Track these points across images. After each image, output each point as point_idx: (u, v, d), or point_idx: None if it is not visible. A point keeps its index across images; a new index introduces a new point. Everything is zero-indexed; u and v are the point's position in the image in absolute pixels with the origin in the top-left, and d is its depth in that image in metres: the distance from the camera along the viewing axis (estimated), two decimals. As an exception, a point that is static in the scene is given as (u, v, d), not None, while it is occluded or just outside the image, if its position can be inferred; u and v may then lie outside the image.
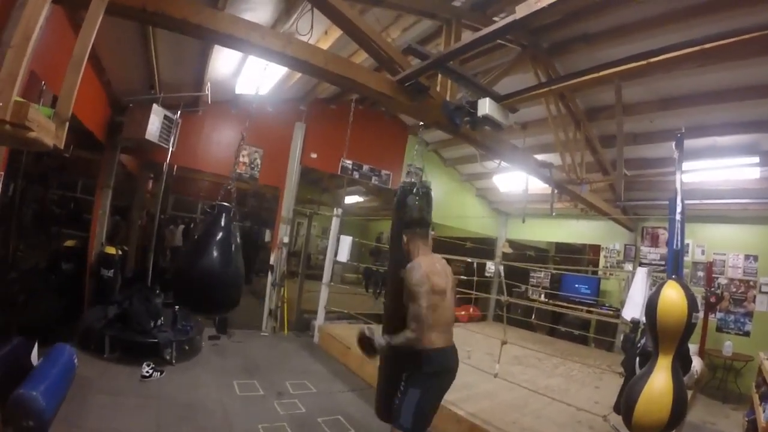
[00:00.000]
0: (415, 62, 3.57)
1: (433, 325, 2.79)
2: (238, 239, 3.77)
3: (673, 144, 3.25)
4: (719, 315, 7.18)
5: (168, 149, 6.26)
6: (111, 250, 6.16)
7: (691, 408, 5.20)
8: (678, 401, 2.45)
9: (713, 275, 7.26)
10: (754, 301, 6.98)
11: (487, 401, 4.68)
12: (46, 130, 1.88)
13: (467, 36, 3.33)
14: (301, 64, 3.19)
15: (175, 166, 7.25)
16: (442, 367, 2.87)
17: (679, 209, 3.05)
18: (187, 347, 5.58)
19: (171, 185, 9.64)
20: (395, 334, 2.86)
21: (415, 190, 3.26)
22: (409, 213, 3.22)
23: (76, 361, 4.16)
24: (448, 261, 3.31)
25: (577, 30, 5.14)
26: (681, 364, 2.63)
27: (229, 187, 3.90)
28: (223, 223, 3.67)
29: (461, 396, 4.55)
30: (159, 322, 5.43)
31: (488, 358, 5.82)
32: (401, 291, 2.91)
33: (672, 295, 2.52)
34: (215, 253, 3.54)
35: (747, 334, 6.92)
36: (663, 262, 7.69)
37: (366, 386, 5.44)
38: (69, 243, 6.79)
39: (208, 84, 6.03)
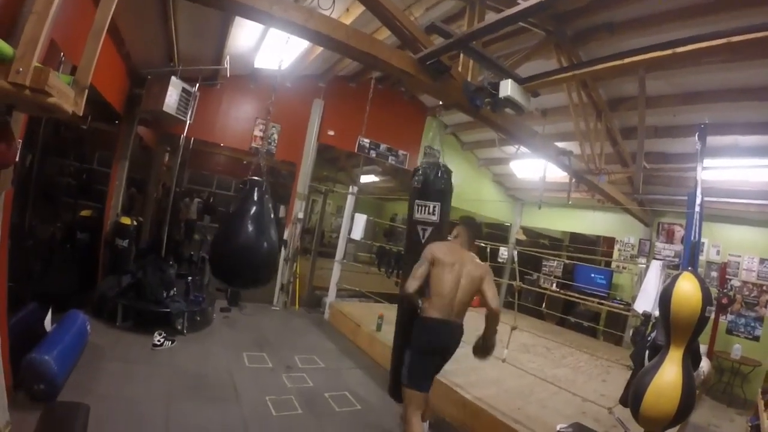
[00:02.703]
0: (437, 41, 3.51)
1: (430, 300, 3.22)
2: (272, 214, 3.82)
3: (696, 135, 3.18)
4: (730, 317, 7.06)
5: (185, 122, 6.28)
6: (126, 221, 6.23)
7: (695, 409, 5.17)
8: (687, 394, 2.42)
9: (727, 276, 7.15)
10: (766, 306, 6.85)
11: (493, 387, 4.69)
12: (66, 96, 1.88)
13: (491, 17, 3.25)
14: (323, 38, 3.14)
15: (192, 139, 7.28)
16: (429, 335, 3.21)
17: (698, 201, 2.99)
18: (198, 318, 5.67)
19: (187, 159, 9.70)
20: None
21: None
22: (447, 202, 3.80)
23: (89, 328, 4.24)
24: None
25: (602, 18, 5.00)
26: (691, 359, 2.59)
27: (258, 161, 3.94)
28: (256, 198, 3.70)
29: (468, 380, 4.57)
30: (172, 292, 5.51)
31: (497, 343, 5.82)
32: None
33: (687, 287, 2.47)
34: (250, 228, 3.59)
35: (757, 338, 6.81)
36: (677, 259, 7.61)
37: (374, 364, 5.50)
38: (85, 213, 6.86)
39: (227, 57, 6.01)
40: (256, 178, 3.80)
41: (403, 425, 3.21)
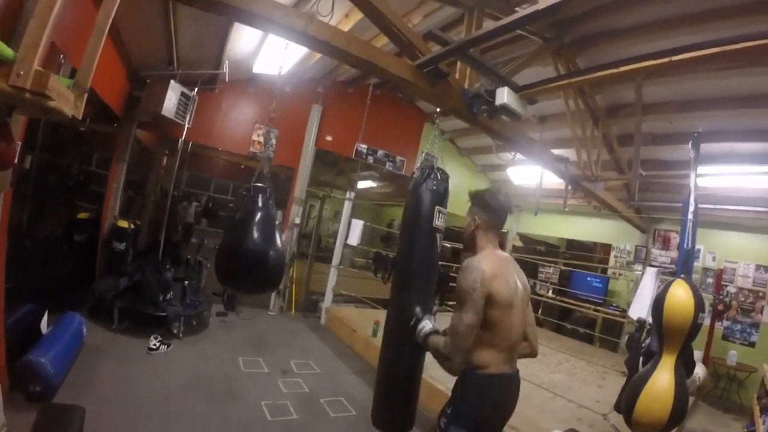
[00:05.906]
0: (435, 49, 3.53)
1: (489, 344, 2.12)
2: (276, 220, 3.81)
3: (690, 144, 3.22)
4: (726, 323, 7.06)
5: (184, 126, 6.30)
6: (123, 223, 6.22)
7: (691, 415, 5.19)
8: (679, 401, 2.45)
9: (723, 283, 7.16)
10: (762, 312, 6.85)
11: (489, 392, 4.69)
12: (66, 99, 1.89)
13: (489, 25, 3.28)
14: (322, 44, 3.16)
15: (191, 143, 7.28)
16: (494, 397, 2.21)
17: (691, 209, 3.02)
18: (195, 322, 5.66)
19: (186, 162, 9.71)
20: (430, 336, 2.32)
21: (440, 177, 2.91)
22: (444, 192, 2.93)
23: (85, 330, 4.24)
24: (456, 250, 3.30)
25: (600, 26, 5.03)
26: (684, 366, 2.61)
27: (262, 168, 3.94)
28: (261, 203, 3.68)
29: (463, 385, 4.57)
30: (168, 295, 5.51)
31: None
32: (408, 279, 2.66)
33: (680, 294, 2.51)
34: (257, 234, 3.54)
35: (752, 344, 6.81)
36: (673, 266, 7.62)
37: (370, 369, 5.47)
38: (82, 215, 6.85)
39: (227, 62, 6.02)
40: (259, 184, 3.79)
41: None
